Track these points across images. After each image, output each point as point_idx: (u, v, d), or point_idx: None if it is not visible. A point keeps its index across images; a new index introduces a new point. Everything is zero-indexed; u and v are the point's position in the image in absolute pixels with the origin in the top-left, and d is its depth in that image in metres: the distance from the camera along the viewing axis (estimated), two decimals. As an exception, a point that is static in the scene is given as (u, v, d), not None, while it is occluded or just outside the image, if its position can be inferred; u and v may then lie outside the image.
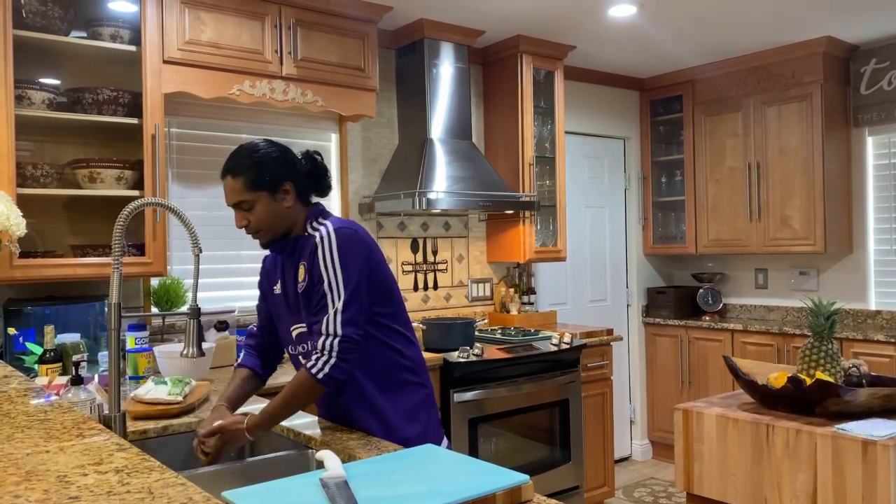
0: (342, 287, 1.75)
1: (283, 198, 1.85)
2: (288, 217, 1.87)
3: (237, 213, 1.86)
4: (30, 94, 2.66)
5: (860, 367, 2.29)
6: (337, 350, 1.73)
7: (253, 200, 1.82)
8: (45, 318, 2.68)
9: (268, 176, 1.83)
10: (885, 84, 4.27)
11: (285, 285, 1.91)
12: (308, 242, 1.84)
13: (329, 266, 1.77)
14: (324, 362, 1.73)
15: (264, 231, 1.86)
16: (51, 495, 0.95)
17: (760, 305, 4.94)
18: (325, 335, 1.74)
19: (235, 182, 1.82)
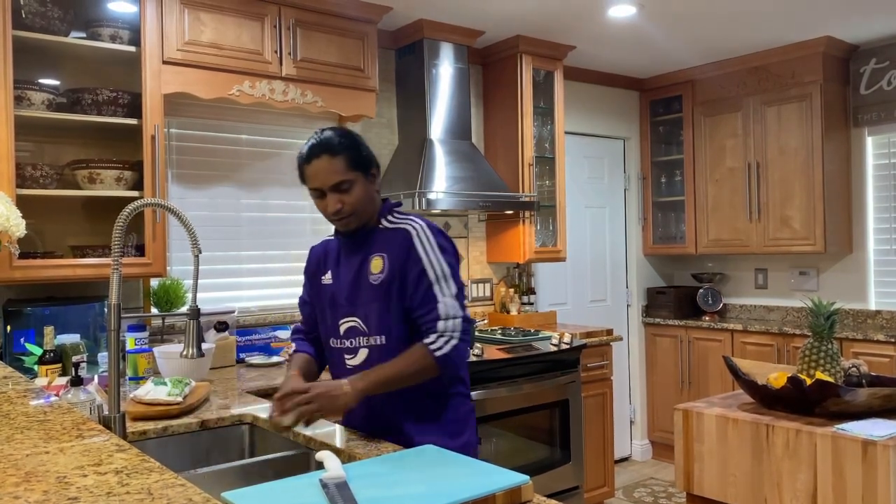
0: (449, 276, 1.76)
1: (374, 181, 1.84)
2: (376, 203, 1.86)
3: (332, 196, 1.78)
4: (29, 94, 2.66)
5: (860, 367, 2.29)
6: (459, 330, 1.73)
7: (353, 181, 1.77)
8: (44, 319, 2.67)
9: (365, 155, 1.81)
10: (885, 84, 4.27)
11: (338, 276, 1.87)
12: (384, 236, 1.82)
13: (432, 258, 1.76)
14: (445, 341, 1.72)
15: (357, 215, 1.81)
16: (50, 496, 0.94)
17: (760, 305, 4.94)
18: (445, 318, 1.73)
19: (334, 161, 1.76)
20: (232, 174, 3.46)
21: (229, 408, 2.24)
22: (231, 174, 3.46)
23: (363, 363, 1.83)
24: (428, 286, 1.74)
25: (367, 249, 1.83)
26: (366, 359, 1.84)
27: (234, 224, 3.47)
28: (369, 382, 1.70)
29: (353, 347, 1.84)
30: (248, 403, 2.31)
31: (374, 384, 1.70)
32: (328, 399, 1.65)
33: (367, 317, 1.81)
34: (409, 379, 1.73)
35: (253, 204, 3.53)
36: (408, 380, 1.73)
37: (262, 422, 2.11)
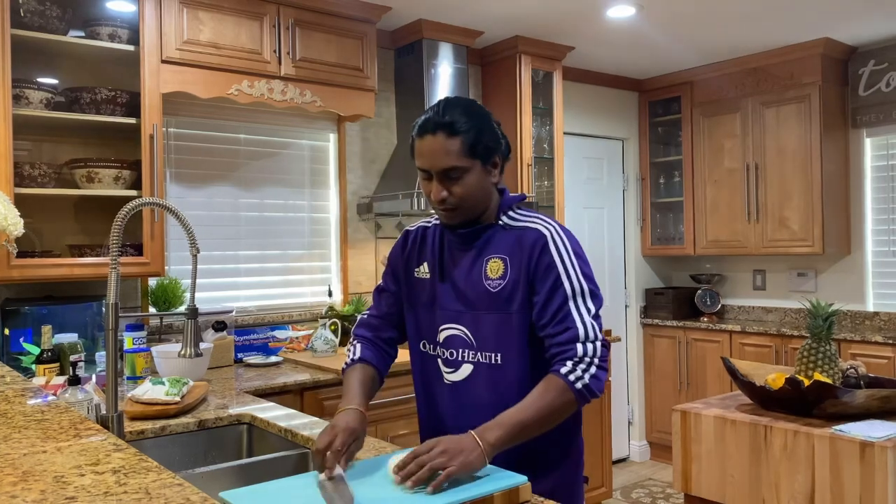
0: (588, 292, 1.52)
1: (492, 172, 1.57)
2: (491, 196, 1.59)
3: (438, 180, 1.52)
4: (28, 93, 2.66)
5: (858, 369, 2.29)
6: (599, 355, 1.47)
7: (467, 168, 1.51)
8: (42, 318, 2.67)
9: (488, 141, 1.53)
10: (884, 86, 4.28)
11: (443, 273, 1.62)
12: (504, 235, 1.57)
13: (570, 268, 1.51)
14: (583, 370, 1.45)
15: (466, 208, 1.54)
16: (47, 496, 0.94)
17: (758, 307, 4.94)
18: (584, 341, 1.47)
19: (451, 142, 1.48)
20: (230, 174, 3.46)
21: (227, 407, 2.24)
22: (229, 174, 3.46)
23: (466, 380, 1.58)
24: (563, 301, 1.49)
25: (483, 249, 1.58)
26: (470, 375, 1.58)
27: (233, 224, 3.47)
28: (505, 434, 1.38)
29: (454, 360, 1.59)
30: (246, 403, 2.30)
31: (511, 435, 1.40)
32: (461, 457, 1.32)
33: (478, 328, 1.56)
34: (549, 421, 1.44)
35: (251, 203, 3.52)
36: (548, 422, 1.45)
37: (260, 422, 2.10)
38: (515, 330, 1.54)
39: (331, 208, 3.78)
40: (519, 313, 1.53)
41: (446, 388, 1.62)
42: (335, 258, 3.78)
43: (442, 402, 1.64)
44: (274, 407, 2.24)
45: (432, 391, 1.66)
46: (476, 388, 1.57)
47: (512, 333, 1.54)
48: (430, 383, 1.67)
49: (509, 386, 1.54)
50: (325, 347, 3.19)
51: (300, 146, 3.68)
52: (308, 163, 3.71)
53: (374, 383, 1.67)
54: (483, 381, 1.57)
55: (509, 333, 1.54)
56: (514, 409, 1.42)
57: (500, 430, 1.39)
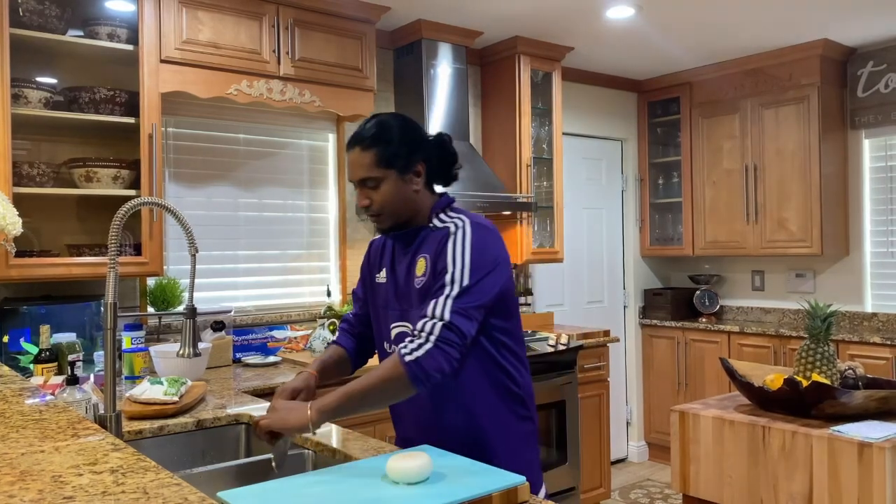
0: (466, 277, 1.55)
1: (413, 179, 1.67)
2: (414, 202, 1.69)
3: (360, 190, 1.68)
4: (26, 92, 2.65)
5: (856, 370, 2.29)
6: (437, 335, 1.49)
7: (380, 178, 1.64)
8: (40, 318, 2.67)
9: (400, 152, 1.64)
10: (882, 87, 4.28)
11: (393, 277, 1.74)
12: (432, 235, 1.67)
13: (458, 257, 1.58)
14: (419, 344, 1.49)
15: (387, 215, 1.68)
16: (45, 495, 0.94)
17: (757, 307, 4.95)
18: (429, 317, 1.51)
19: (364, 155, 1.64)
20: (229, 173, 3.46)
21: (225, 407, 2.23)
22: (228, 173, 3.45)
23: None
24: (440, 286, 1.56)
25: (416, 250, 1.69)
26: None
27: (232, 223, 3.47)
28: (335, 400, 1.49)
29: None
30: (245, 403, 2.30)
31: (342, 402, 1.49)
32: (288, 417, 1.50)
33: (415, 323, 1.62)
34: (378, 392, 1.50)
35: (250, 203, 3.52)
36: (378, 393, 1.50)
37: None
38: None
39: (330, 208, 3.78)
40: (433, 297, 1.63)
41: None
42: (334, 258, 3.78)
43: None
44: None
45: None
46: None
47: None
48: None
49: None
50: (323, 347, 3.19)
51: (299, 146, 3.68)
52: (307, 163, 3.71)
53: (342, 360, 1.83)
54: None
55: None
56: (350, 383, 1.53)
57: (332, 396, 1.50)
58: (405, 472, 1.32)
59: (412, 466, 1.32)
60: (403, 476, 1.32)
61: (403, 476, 1.32)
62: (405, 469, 1.32)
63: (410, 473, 1.32)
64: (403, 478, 1.32)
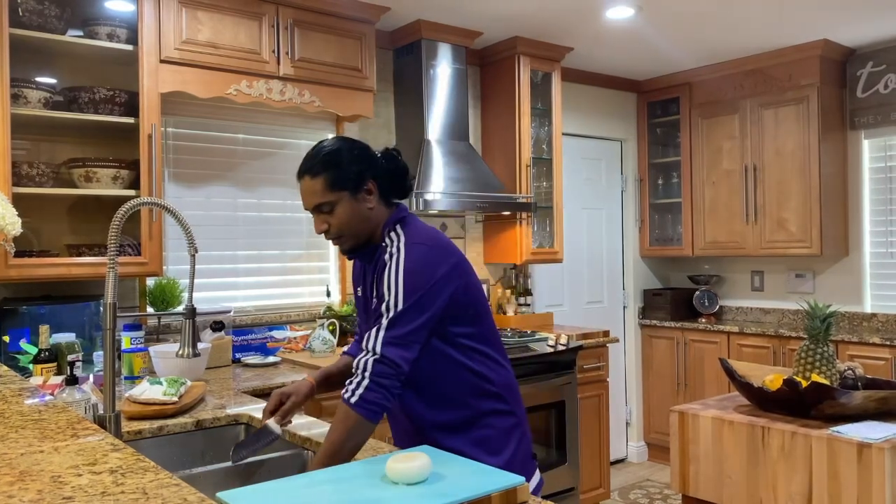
0: (400, 302, 1.57)
1: (366, 198, 1.69)
2: (371, 220, 1.71)
3: (316, 217, 1.69)
4: (26, 92, 2.65)
5: (855, 370, 2.29)
6: (371, 371, 1.52)
7: (334, 202, 1.66)
8: (40, 318, 2.67)
9: (349, 174, 1.66)
10: (882, 87, 4.28)
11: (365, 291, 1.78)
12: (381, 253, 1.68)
13: (392, 283, 1.59)
14: (357, 383, 1.53)
15: (347, 236, 1.70)
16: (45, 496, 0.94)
17: (756, 308, 4.95)
18: (364, 352, 1.55)
19: (314, 182, 1.65)
20: (229, 174, 3.46)
21: (225, 408, 2.23)
22: (228, 174, 3.45)
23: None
24: (378, 316, 1.58)
25: (374, 268, 1.71)
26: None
27: (231, 223, 3.47)
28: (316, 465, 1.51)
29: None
30: (244, 403, 2.30)
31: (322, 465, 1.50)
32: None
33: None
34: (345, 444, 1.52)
35: (250, 203, 3.52)
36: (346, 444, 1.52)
37: (258, 422, 2.10)
38: None
39: (329, 208, 3.78)
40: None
41: None
42: (333, 258, 3.78)
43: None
44: (272, 407, 2.23)
45: None
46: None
47: None
48: None
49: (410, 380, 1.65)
50: (323, 348, 3.19)
51: (299, 146, 3.68)
52: (306, 163, 3.70)
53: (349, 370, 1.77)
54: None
55: None
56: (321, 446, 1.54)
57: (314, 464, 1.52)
58: (404, 473, 1.32)
59: (411, 467, 1.32)
60: (403, 476, 1.32)
61: (403, 476, 1.32)
62: (405, 469, 1.32)
63: (410, 474, 1.32)
64: (403, 478, 1.32)
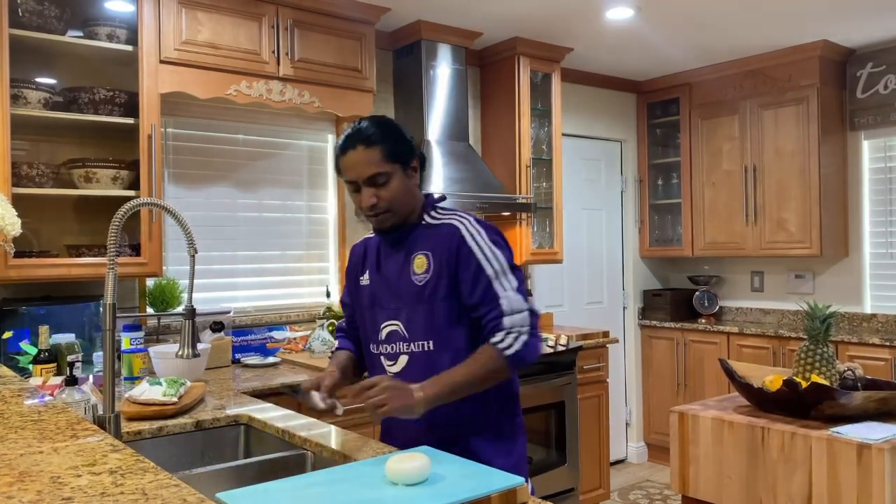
0: (507, 269, 1.65)
1: (413, 175, 1.73)
2: (415, 198, 1.74)
3: (365, 190, 1.68)
4: (26, 93, 2.65)
5: (855, 371, 2.29)
6: (528, 324, 1.60)
7: (389, 173, 1.67)
8: (39, 319, 2.67)
9: (404, 147, 1.69)
10: (881, 88, 4.28)
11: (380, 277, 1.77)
12: (426, 233, 1.72)
13: (487, 252, 1.64)
14: (514, 338, 1.59)
15: (395, 211, 1.70)
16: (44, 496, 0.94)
17: (756, 308, 4.95)
18: (511, 313, 1.60)
19: (370, 152, 1.65)
20: (228, 174, 3.46)
21: (224, 408, 2.23)
22: (228, 174, 3.45)
23: (403, 371, 1.72)
24: (487, 283, 1.62)
25: (410, 247, 1.72)
26: (406, 366, 1.73)
27: (231, 224, 3.47)
28: (441, 388, 1.56)
29: (393, 353, 1.74)
30: (244, 404, 2.30)
31: (446, 390, 1.57)
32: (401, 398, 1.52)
33: (410, 320, 1.71)
34: (481, 383, 1.61)
35: (249, 204, 3.52)
36: (480, 384, 1.61)
37: (258, 422, 2.10)
38: (443, 317, 1.69)
39: (329, 209, 3.78)
40: (444, 301, 1.68)
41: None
42: (333, 259, 3.78)
43: None
44: (271, 408, 2.24)
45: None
46: (413, 375, 1.67)
47: (440, 321, 1.69)
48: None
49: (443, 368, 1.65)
50: (322, 348, 3.19)
51: (298, 147, 3.68)
52: (306, 163, 3.71)
53: (352, 361, 1.87)
54: (418, 367, 1.70)
55: (437, 321, 1.69)
56: (452, 371, 1.60)
57: (436, 386, 1.57)
58: (404, 473, 1.32)
59: (411, 467, 1.32)
60: (402, 477, 1.32)
61: (402, 477, 1.32)
62: (404, 470, 1.32)
63: (409, 474, 1.32)
64: (402, 479, 1.32)
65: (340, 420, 2.75)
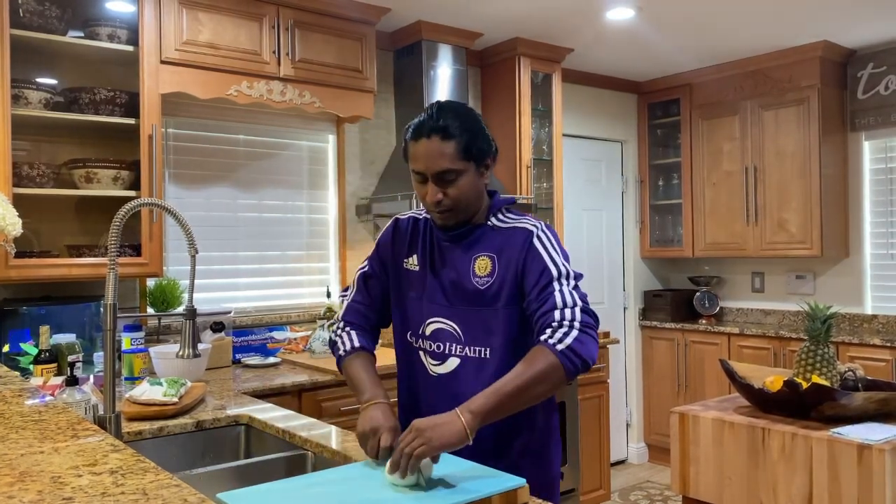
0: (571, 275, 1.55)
1: (484, 174, 1.60)
2: (482, 199, 1.63)
3: (432, 184, 1.55)
4: (27, 93, 2.65)
5: (856, 371, 2.29)
6: (580, 319, 1.46)
7: (461, 171, 1.54)
8: (40, 319, 2.67)
9: (483, 144, 1.57)
10: (882, 89, 4.28)
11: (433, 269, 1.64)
12: (492, 234, 1.61)
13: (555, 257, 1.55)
14: (564, 332, 1.45)
15: (458, 211, 1.58)
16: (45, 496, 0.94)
17: (757, 309, 4.95)
18: (562, 307, 1.48)
19: (445, 145, 1.51)
20: (229, 174, 3.46)
21: (225, 408, 2.23)
22: (228, 174, 3.45)
23: (453, 373, 1.61)
24: (548, 281, 1.52)
25: (473, 247, 1.61)
26: (457, 369, 1.61)
27: (231, 224, 3.47)
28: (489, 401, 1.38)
29: (441, 353, 1.62)
30: (244, 404, 2.30)
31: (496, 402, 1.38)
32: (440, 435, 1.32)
33: (466, 323, 1.60)
34: (535, 386, 1.41)
35: (250, 204, 3.52)
36: (533, 390, 1.42)
37: (258, 423, 2.10)
38: (503, 325, 1.58)
39: (329, 209, 3.78)
40: (506, 308, 1.57)
41: (431, 380, 1.65)
42: (334, 259, 3.78)
43: (426, 393, 1.67)
44: (272, 408, 2.24)
45: (416, 381, 1.70)
46: (463, 381, 1.59)
47: (500, 328, 1.58)
48: (414, 374, 1.70)
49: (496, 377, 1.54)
50: (323, 349, 3.19)
51: (299, 147, 3.68)
52: (307, 164, 3.71)
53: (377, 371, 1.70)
54: (471, 374, 1.59)
55: (497, 328, 1.58)
56: (500, 380, 1.42)
57: (483, 398, 1.38)
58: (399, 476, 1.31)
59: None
60: (399, 479, 1.31)
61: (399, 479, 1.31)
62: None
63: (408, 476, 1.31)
64: (399, 481, 1.31)
65: (341, 420, 2.75)
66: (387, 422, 1.48)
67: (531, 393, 1.42)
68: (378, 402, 1.53)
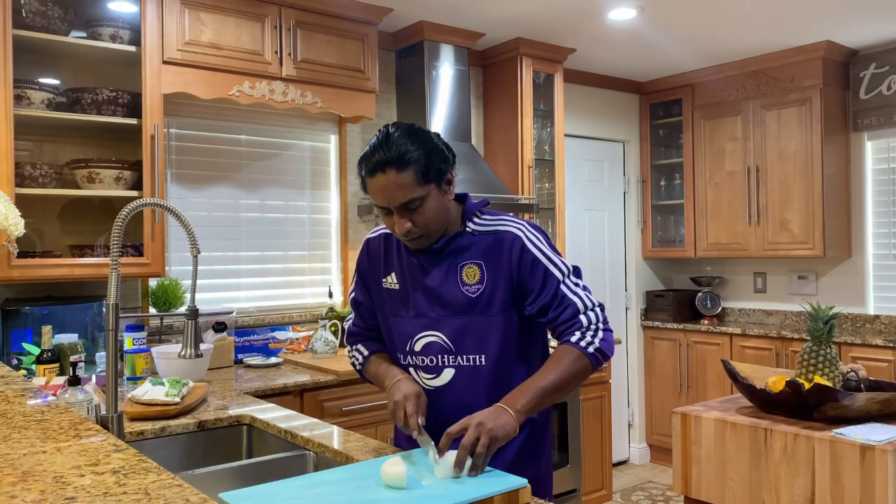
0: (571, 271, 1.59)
1: (448, 190, 1.57)
2: (451, 212, 1.60)
3: (398, 216, 1.52)
4: (29, 93, 2.66)
5: (858, 372, 2.29)
6: (602, 319, 1.57)
7: (424, 196, 1.51)
8: (42, 319, 2.67)
9: (437, 163, 1.52)
10: (885, 89, 4.27)
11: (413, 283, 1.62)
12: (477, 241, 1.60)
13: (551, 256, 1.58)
14: (592, 335, 1.55)
15: (431, 233, 1.56)
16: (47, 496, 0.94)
17: (759, 309, 4.94)
18: (585, 311, 1.56)
19: (402, 176, 1.47)
20: (231, 174, 3.46)
21: (227, 408, 2.23)
22: (230, 174, 3.46)
23: (449, 384, 1.62)
24: (557, 285, 1.56)
25: (455, 255, 1.60)
26: (452, 379, 1.62)
27: (233, 224, 3.47)
28: (530, 399, 1.46)
29: (434, 366, 1.62)
30: (246, 404, 2.30)
31: (536, 400, 1.47)
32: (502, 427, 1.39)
33: (457, 332, 1.59)
34: (568, 385, 1.52)
35: (252, 204, 3.53)
36: (567, 386, 1.52)
37: (259, 423, 2.10)
38: (498, 330, 1.60)
39: (331, 209, 3.79)
40: (501, 314, 1.59)
41: (428, 393, 1.62)
42: (336, 259, 3.78)
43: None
44: (274, 408, 2.24)
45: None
46: (461, 390, 1.61)
47: (494, 334, 1.60)
48: None
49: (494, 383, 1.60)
50: (325, 349, 3.19)
51: (301, 147, 3.68)
52: (309, 164, 3.71)
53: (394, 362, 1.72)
54: (467, 382, 1.61)
55: (491, 334, 1.60)
56: (535, 377, 1.52)
57: (524, 396, 1.47)
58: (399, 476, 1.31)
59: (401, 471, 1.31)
60: (395, 480, 1.31)
61: (395, 480, 1.31)
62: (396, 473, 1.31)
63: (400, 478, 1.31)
64: (397, 482, 1.31)
65: (343, 421, 2.76)
66: (412, 388, 1.55)
67: (565, 391, 1.54)
68: (400, 378, 1.59)
